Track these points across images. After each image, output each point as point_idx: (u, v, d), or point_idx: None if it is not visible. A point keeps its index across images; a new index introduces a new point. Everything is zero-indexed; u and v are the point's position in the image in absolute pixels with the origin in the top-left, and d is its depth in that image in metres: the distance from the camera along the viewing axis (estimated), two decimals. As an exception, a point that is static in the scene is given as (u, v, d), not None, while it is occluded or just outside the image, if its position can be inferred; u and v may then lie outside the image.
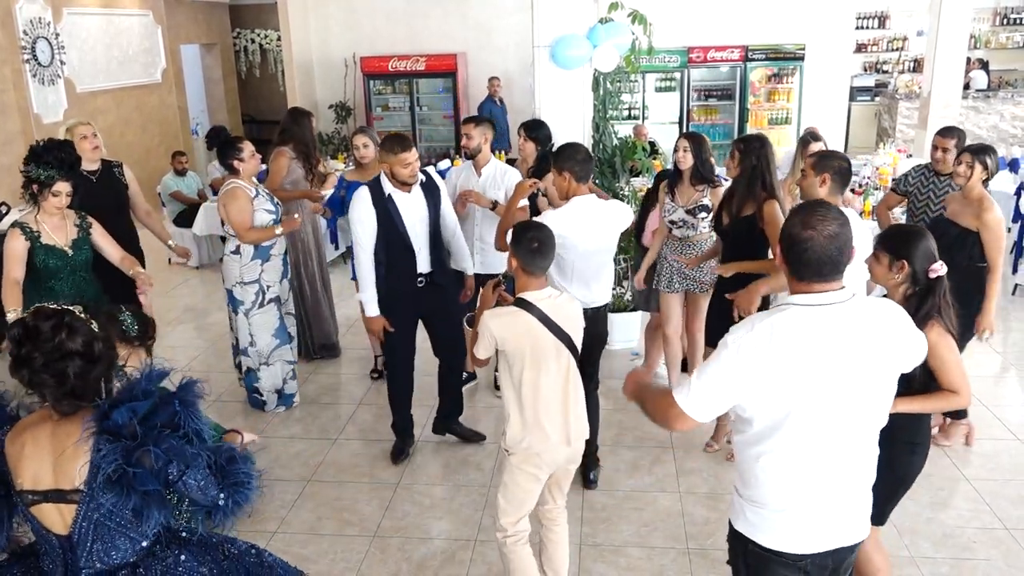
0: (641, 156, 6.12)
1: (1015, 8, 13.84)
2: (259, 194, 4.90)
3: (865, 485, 2.25)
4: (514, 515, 3.15)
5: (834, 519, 2.20)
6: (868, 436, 2.20)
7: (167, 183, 8.85)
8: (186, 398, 2.07)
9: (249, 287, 4.96)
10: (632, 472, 4.45)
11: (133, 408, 1.98)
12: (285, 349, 5.14)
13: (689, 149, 4.77)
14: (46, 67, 8.82)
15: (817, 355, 2.06)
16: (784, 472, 2.16)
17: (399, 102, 11.99)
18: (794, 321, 2.09)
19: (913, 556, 3.71)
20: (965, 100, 11.80)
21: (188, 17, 12.68)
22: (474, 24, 11.64)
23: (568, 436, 3.10)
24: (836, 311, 2.09)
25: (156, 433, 1.98)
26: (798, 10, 11.21)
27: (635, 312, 6.07)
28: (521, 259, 3.04)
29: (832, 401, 2.08)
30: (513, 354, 3.03)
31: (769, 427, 2.13)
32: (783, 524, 2.19)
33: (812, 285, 2.10)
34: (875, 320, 2.14)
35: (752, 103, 11.58)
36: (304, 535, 4.00)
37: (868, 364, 2.10)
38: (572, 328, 3.09)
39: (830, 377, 2.07)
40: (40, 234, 4.11)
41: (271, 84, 14.22)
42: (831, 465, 2.15)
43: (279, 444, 4.89)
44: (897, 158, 8.53)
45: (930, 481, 4.23)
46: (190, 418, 2.04)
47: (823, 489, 2.16)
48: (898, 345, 2.17)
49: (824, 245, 2.06)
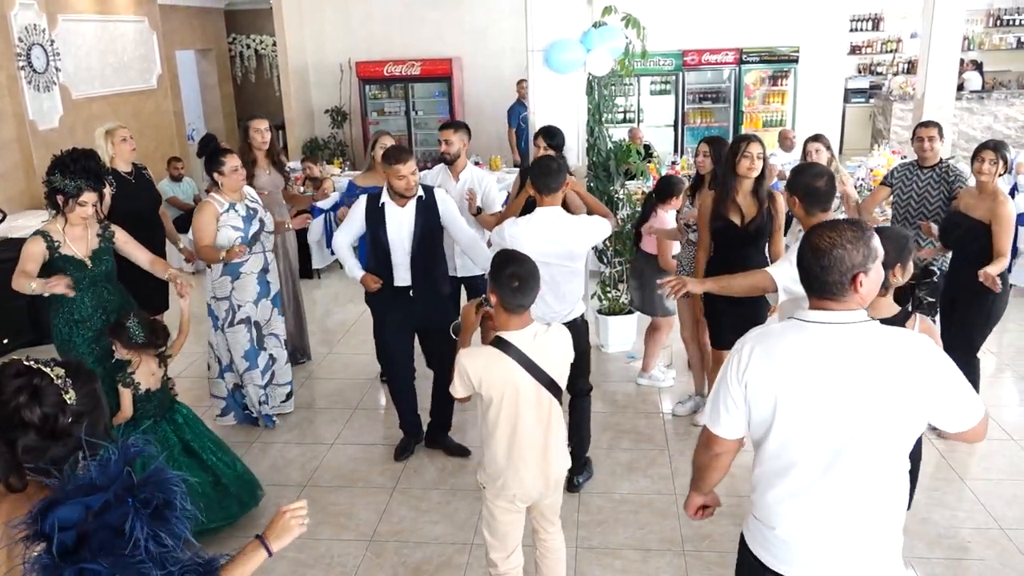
0: (636, 159, 6.14)
1: (1008, 10, 13.89)
2: (232, 209, 4.75)
3: (875, 528, 2.08)
4: (502, 550, 3.07)
5: (831, 554, 2.09)
6: (877, 472, 2.04)
7: (163, 189, 8.81)
8: (148, 497, 1.64)
9: (221, 303, 4.89)
10: (628, 475, 4.45)
11: (64, 515, 1.58)
12: (255, 373, 4.98)
13: (709, 154, 4.81)
14: (41, 74, 8.82)
15: (809, 372, 2.02)
16: (781, 493, 2.11)
17: (395, 107, 12.00)
18: (793, 335, 2.08)
19: (908, 556, 3.70)
20: (959, 101, 11.83)
21: (183, 23, 12.68)
22: (469, 29, 11.66)
23: (546, 479, 2.98)
24: (841, 331, 2.03)
25: (98, 542, 1.59)
26: (792, 13, 11.24)
27: (631, 315, 6.08)
28: (500, 296, 2.81)
29: (827, 422, 2.01)
30: (489, 398, 2.86)
31: (767, 443, 2.11)
32: (775, 545, 2.16)
33: (815, 301, 2.09)
34: (888, 348, 2.01)
35: (747, 106, 11.61)
36: (300, 540, 3.97)
37: (871, 391, 1.98)
38: (556, 370, 2.91)
39: (823, 396, 2.01)
40: (60, 244, 4.02)
41: (267, 89, 14.22)
42: (829, 494, 2.05)
43: (275, 450, 4.89)
44: (892, 159, 8.56)
45: (923, 481, 4.24)
46: (143, 526, 1.61)
47: (819, 517, 2.08)
48: (914, 380, 1.98)
49: (808, 258, 2.05)
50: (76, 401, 1.80)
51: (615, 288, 6.10)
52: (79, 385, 1.84)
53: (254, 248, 4.83)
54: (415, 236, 4.31)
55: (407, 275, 4.37)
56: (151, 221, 5.24)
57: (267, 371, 5.08)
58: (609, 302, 6.10)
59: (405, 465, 4.62)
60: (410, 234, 4.31)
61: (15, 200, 8.29)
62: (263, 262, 4.93)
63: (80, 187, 3.94)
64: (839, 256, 2.01)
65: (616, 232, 5.95)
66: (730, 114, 11.72)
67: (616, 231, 5.95)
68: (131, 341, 3.74)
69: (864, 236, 2.05)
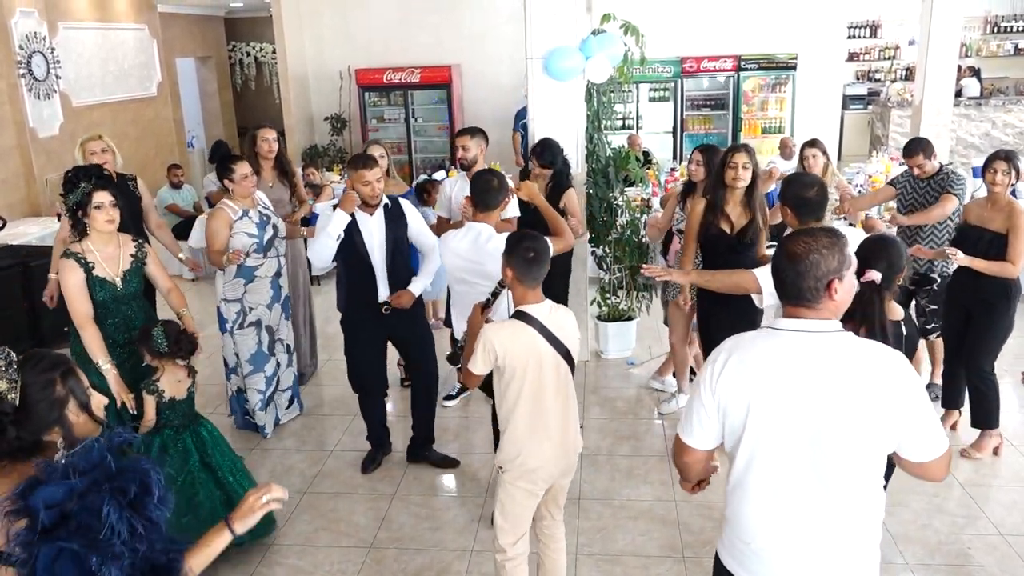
0: (635, 166, 6.15)
1: (1005, 16, 13.95)
2: (246, 216, 4.76)
3: (847, 541, 2.04)
4: (512, 535, 3.11)
5: (810, 566, 2.05)
6: (847, 485, 2.00)
7: (163, 196, 8.86)
8: (123, 486, 1.75)
9: (232, 305, 4.88)
10: (628, 481, 4.45)
11: (50, 493, 1.70)
12: (258, 377, 4.97)
13: (703, 163, 4.84)
14: (42, 81, 8.84)
15: (779, 381, 2.00)
16: (753, 505, 2.09)
17: (394, 114, 12.03)
18: (763, 343, 2.07)
19: (908, 563, 3.72)
20: (957, 108, 11.87)
21: (183, 31, 12.73)
22: (468, 36, 11.70)
23: (566, 449, 3.07)
24: (811, 339, 2.01)
25: (76, 523, 1.70)
26: (790, 20, 11.28)
27: (630, 322, 6.09)
28: (516, 269, 2.97)
29: (796, 433, 1.99)
30: (513, 368, 2.95)
31: (739, 453, 2.09)
32: (745, 556, 2.14)
33: (788, 309, 2.07)
34: (858, 361, 1.98)
35: (745, 112, 11.64)
36: (300, 546, 4.00)
37: (838, 402, 1.95)
38: (570, 341, 3.05)
39: (792, 406, 1.98)
40: (94, 265, 3.79)
41: (266, 97, 14.26)
42: (799, 506, 2.02)
43: (275, 456, 4.89)
44: (890, 166, 8.58)
45: (924, 487, 4.24)
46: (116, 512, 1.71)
47: (790, 530, 2.05)
48: (882, 397, 1.95)
49: (783, 265, 2.04)
50: (7, 391, 1.89)
51: (614, 294, 6.10)
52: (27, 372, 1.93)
53: (268, 253, 4.84)
54: (388, 244, 4.28)
55: (387, 286, 4.32)
56: (131, 232, 4.93)
57: (274, 378, 5.08)
58: (608, 308, 6.11)
59: (405, 472, 4.62)
60: (382, 243, 4.27)
61: (15, 207, 8.31)
62: (277, 266, 4.95)
63: (87, 188, 3.77)
64: (814, 261, 2.00)
65: (616, 238, 5.97)
66: (729, 121, 11.74)
67: (616, 237, 5.97)
68: (154, 350, 3.74)
69: (839, 243, 2.04)
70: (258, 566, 3.85)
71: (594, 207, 5.89)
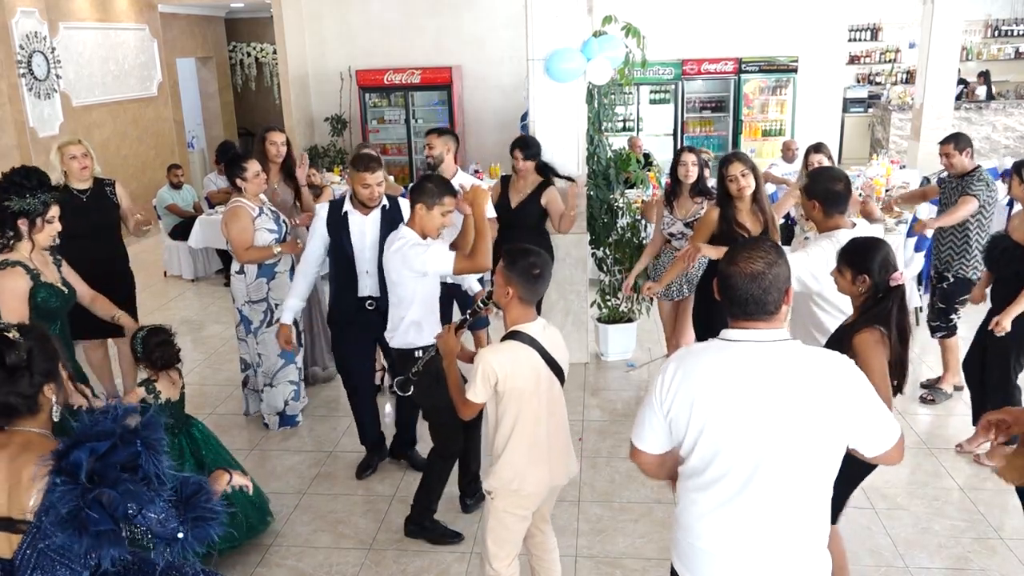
0: (635, 168, 6.15)
1: (1006, 20, 13.96)
2: (263, 213, 4.82)
3: (797, 546, 2.09)
4: (506, 559, 3.04)
5: (756, 568, 2.09)
6: (797, 491, 2.05)
7: (163, 196, 8.86)
8: (149, 438, 2.04)
9: (257, 306, 4.91)
10: (627, 484, 4.44)
11: (93, 448, 1.96)
12: (291, 368, 5.06)
13: (696, 163, 4.84)
14: (42, 81, 8.84)
15: (731, 390, 2.03)
16: (704, 509, 2.12)
17: (395, 115, 12.02)
18: (713, 354, 2.11)
19: (908, 567, 3.71)
20: (957, 111, 11.88)
21: (184, 31, 12.72)
22: (469, 37, 11.69)
23: (566, 467, 3.00)
24: (763, 349, 2.05)
25: (114, 475, 1.95)
26: (791, 22, 11.28)
27: (630, 324, 6.08)
28: (519, 286, 2.81)
29: (747, 440, 2.02)
30: (512, 391, 2.83)
31: (690, 459, 2.12)
32: (692, 558, 2.17)
33: (739, 321, 2.10)
34: (809, 368, 2.04)
35: (746, 115, 11.63)
36: (299, 548, 3.99)
37: (790, 410, 2.00)
38: (563, 358, 2.96)
39: (745, 414, 2.01)
40: (40, 273, 3.60)
41: (267, 97, 14.25)
42: (750, 511, 2.06)
43: (274, 457, 4.88)
44: (891, 169, 8.59)
45: (924, 491, 4.25)
46: (151, 460, 2.01)
47: (741, 534, 2.08)
48: (833, 401, 2.01)
49: (746, 283, 2.05)
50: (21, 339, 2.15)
51: (615, 296, 6.10)
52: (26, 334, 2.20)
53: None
54: (380, 245, 4.19)
55: (374, 285, 4.25)
56: (102, 240, 4.91)
57: (302, 367, 5.23)
58: (609, 310, 6.10)
59: (404, 473, 4.61)
60: (374, 243, 4.21)
61: None
62: (291, 261, 5.01)
63: (47, 202, 3.59)
64: (776, 274, 2.06)
65: (616, 240, 5.96)
66: (729, 123, 11.74)
67: (616, 239, 5.97)
68: (137, 356, 3.74)
69: (780, 250, 2.14)
70: (257, 567, 3.84)
71: (594, 209, 5.89)
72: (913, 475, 4.44)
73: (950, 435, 4.85)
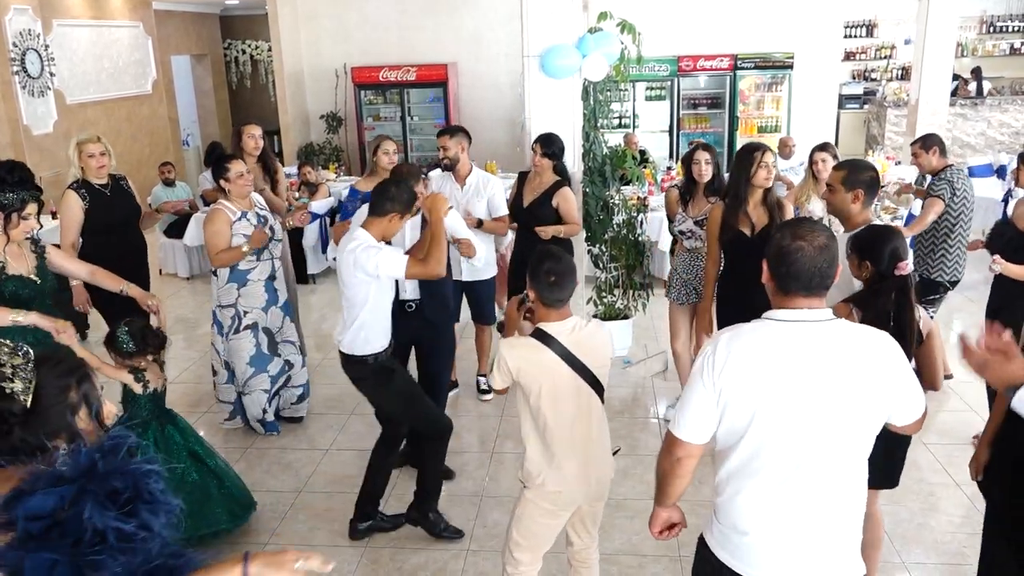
0: (631, 165, 6.14)
1: (1001, 16, 13.98)
2: (244, 217, 4.72)
3: (840, 525, 2.12)
4: (529, 551, 3.01)
5: (796, 553, 2.11)
6: (844, 470, 2.09)
7: (157, 194, 8.81)
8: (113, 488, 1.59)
9: (226, 310, 4.83)
10: (624, 480, 4.44)
11: (36, 504, 1.56)
12: (262, 378, 4.93)
13: (710, 161, 4.78)
14: (36, 79, 8.81)
15: (787, 372, 2.03)
16: (752, 495, 2.11)
17: (390, 112, 12.01)
18: (766, 334, 2.09)
19: (904, 562, 3.71)
20: (953, 107, 11.89)
21: (178, 28, 12.69)
22: (465, 35, 11.69)
23: (588, 477, 2.92)
24: (814, 329, 2.07)
25: (60, 532, 1.56)
26: (787, 19, 11.28)
27: (627, 321, 6.08)
28: (538, 291, 2.83)
29: (802, 422, 2.03)
30: (529, 387, 2.85)
31: (739, 444, 2.10)
32: (739, 546, 2.16)
33: (796, 299, 2.09)
34: (857, 346, 2.07)
35: (742, 111, 11.63)
36: (295, 545, 3.95)
37: (843, 390, 2.02)
38: (596, 362, 2.88)
39: (800, 396, 2.02)
40: (6, 264, 3.68)
41: (262, 95, 14.23)
42: (799, 494, 2.07)
43: (271, 455, 4.88)
44: (886, 165, 8.60)
45: (920, 487, 4.25)
46: (99, 514, 1.56)
47: (789, 518, 2.09)
48: (880, 377, 2.06)
49: (814, 256, 2.06)
50: (22, 391, 1.79)
51: (611, 293, 6.09)
52: (43, 374, 1.84)
53: (262, 256, 4.79)
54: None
55: (414, 288, 4.18)
56: (127, 233, 5.02)
57: (281, 375, 5.06)
58: (605, 307, 6.10)
59: (401, 471, 4.60)
60: (415, 240, 4.16)
61: None
62: (271, 269, 4.88)
63: (24, 199, 3.64)
64: (836, 248, 2.11)
65: (612, 237, 5.96)
66: (725, 120, 11.74)
67: (612, 236, 5.96)
68: (122, 350, 3.69)
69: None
70: (253, 566, 3.83)
71: (590, 206, 5.88)
72: (908, 471, 4.39)
73: (943, 430, 4.85)
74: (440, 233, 3.63)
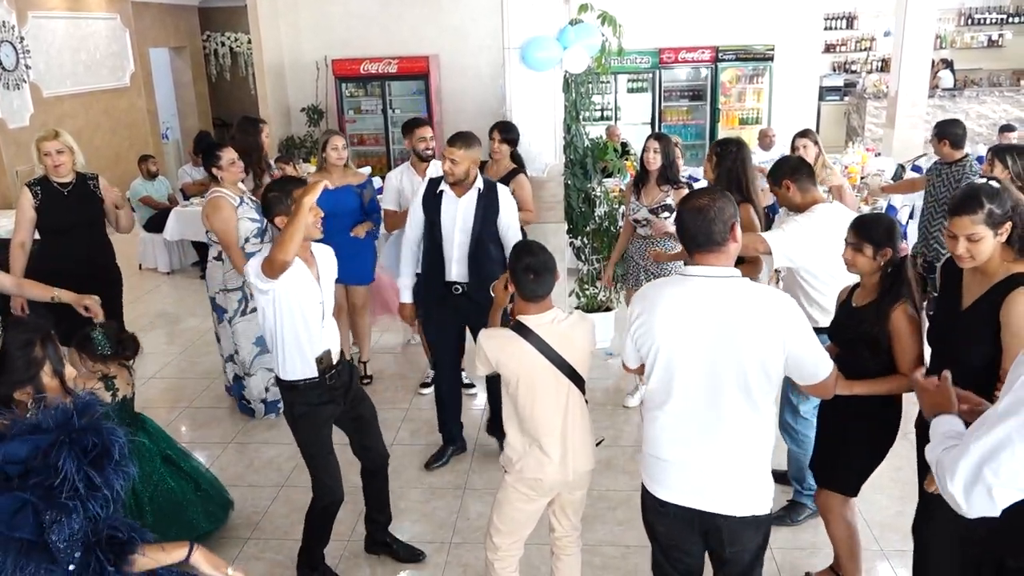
0: (612, 157, 6.15)
1: (979, 8, 14.09)
2: (243, 202, 4.75)
3: (735, 460, 2.40)
4: (508, 536, 3.04)
5: (696, 478, 2.43)
6: (743, 410, 2.35)
7: (136, 188, 8.74)
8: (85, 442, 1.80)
9: (232, 294, 4.86)
10: (606, 471, 4.46)
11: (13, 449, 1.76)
12: (268, 357, 4.92)
13: (659, 150, 4.84)
14: (11, 72, 8.70)
15: (684, 317, 2.34)
16: (663, 423, 2.45)
17: (371, 104, 11.93)
18: (671, 287, 2.43)
19: (883, 549, 3.75)
20: (932, 99, 11.98)
21: (156, 20, 12.56)
22: (447, 27, 11.63)
23: (566, 467, 2.93)
24: (714, 283, 2.33)
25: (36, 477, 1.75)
26: (767, 11, 11.32)
27: (609, 313, 6.09)
28: (517, 285, 2.88)
29: (699, 362, 2.33)
30: (507, 377, 2.91)
31: (651, 378, 2.47)
32: (654, 468, 2.52)
33: (698, 256, 2.38)
34: (753, 301, 2.32)
35: (723, 103, 11.67)
36: (278, 540, 3.97)
37: (735, 337, 2.29)
38: (575, 354, 2.90)
39: (695, 339, 2.33)
40: None
41: (242, 87, 14.11)
42: (702, 426, 2.38)
43: (252, 449, 4.86)
44: (866, 157, 8.65)
45: (899, 475, 4.29)
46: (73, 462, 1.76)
47: (694, 447, 2.41)
48: (772, 331, 2.30)
49: (692, 218, 2.35)
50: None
51: (593, 285, 6.11)
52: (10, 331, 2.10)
53: (265, 238, 4.79)
54: (475, 230, 4.09)
55: (462, 271, 4.17)
56: (91, 234, 4.78)
57: None
58: (587, 299, 6.11)
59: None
60: (465, 227, 4.09)
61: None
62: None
63: None
64: (720, 207, 2.34)
65: (594, 229, 5.97)
66: (707, 112, 11.79)
67: (594, 228, 5.97)
68: (97, 353, 3.56)
69: (728, 195, 2.43)
70: (235, 560, 3.82)
71: (572, 198, 5.88)
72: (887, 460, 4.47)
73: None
74: (299, 217, 2.98)
